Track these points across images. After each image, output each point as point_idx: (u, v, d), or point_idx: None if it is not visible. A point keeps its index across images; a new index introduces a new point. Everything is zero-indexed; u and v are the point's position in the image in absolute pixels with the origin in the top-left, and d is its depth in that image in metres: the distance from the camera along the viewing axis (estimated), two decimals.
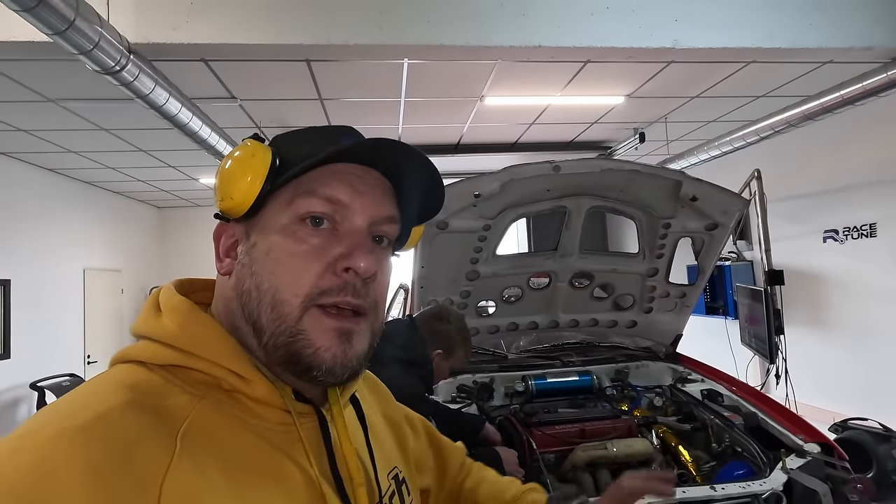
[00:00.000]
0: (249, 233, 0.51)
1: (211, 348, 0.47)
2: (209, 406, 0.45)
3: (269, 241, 0.50)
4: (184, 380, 0.46)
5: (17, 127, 3.97)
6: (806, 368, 4.11)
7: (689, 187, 1.93)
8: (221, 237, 0.54)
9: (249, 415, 0.47)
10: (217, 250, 0.54)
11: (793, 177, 4.55)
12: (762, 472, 1.55)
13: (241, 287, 0.50)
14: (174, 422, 0.42)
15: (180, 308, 0.49)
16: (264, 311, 0.48)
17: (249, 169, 0.50)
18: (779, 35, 2.32)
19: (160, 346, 0.47)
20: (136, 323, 0.51)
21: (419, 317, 1.67)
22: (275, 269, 0.49)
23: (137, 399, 0.42)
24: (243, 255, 0.51)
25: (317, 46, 2.12)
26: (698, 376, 2.31)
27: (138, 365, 0.47)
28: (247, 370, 0.47)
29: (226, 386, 0.47)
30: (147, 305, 0.52)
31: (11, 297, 4.69)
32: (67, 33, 1.53)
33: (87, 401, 0.42)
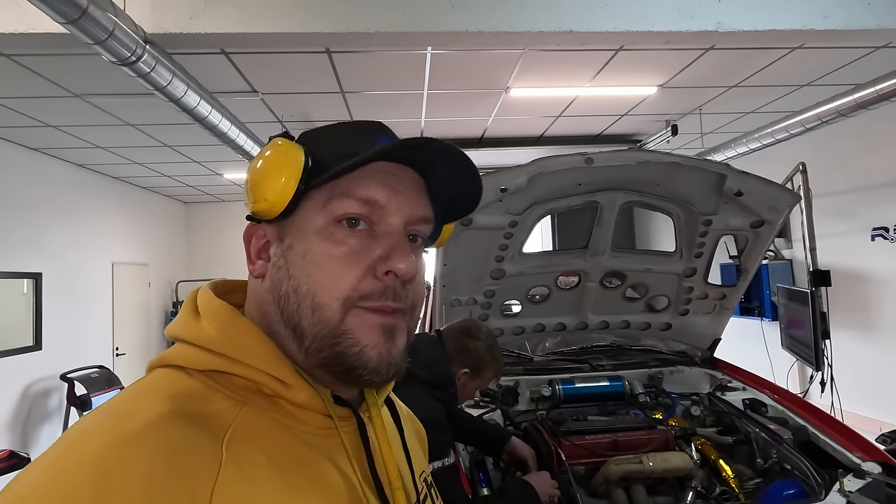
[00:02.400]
0: (283, 235, 0.50)
1: (252, 353, 0.47)
2: (251, 412, 0.45)
3: (305, 243, 0.49)
4: (225, 385, 0.46)
5: (47, 123, 4.03)
6: (851, 375, 3.87)
7: (734, 181, 1.78)
8: (252, 238, 0.52)
9: (291, 419, 0.47)
10: (248, 252, 0.52)
11: (837, 171, 4.28)
12: (816, 495, 1.41)
13: (279, 291, 0.49)
14: (219, 429, 0.41)
15: (220, 312, 0.49)
16: (305, 315, 0.48)
17: (283, 168, 0.49)
18: (833, 15, 2.13)
19: (200, 351, 0.47)
20: (173, 326, 0.50)
21: (446, 331, 1.55)
22: (312, 272, 0.48)
23: (181, 407, 0.41)
24: (278, 257, 0.50)
25: (337, 35, 2.04)
26: (739, 384, 2.16)
27: (178, 370, 0.46)
28: (288, 375, 0.47)
29: (267, 391, 0.46)
30: (185, 308, 0.51)
31: (43, 291, 4.79)
32: (81, 22, 1.49)
33: (133, 409, 0.41)
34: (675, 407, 2.07)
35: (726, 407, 1.97)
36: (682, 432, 1.79)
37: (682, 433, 1.79)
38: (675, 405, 2.08)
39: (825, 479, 1.45)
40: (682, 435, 1.78)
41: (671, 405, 2.08)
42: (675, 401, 2.10)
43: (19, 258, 4.55)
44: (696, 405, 2.06)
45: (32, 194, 4.74)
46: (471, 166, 0.53)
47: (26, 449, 4.28)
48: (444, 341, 1.49)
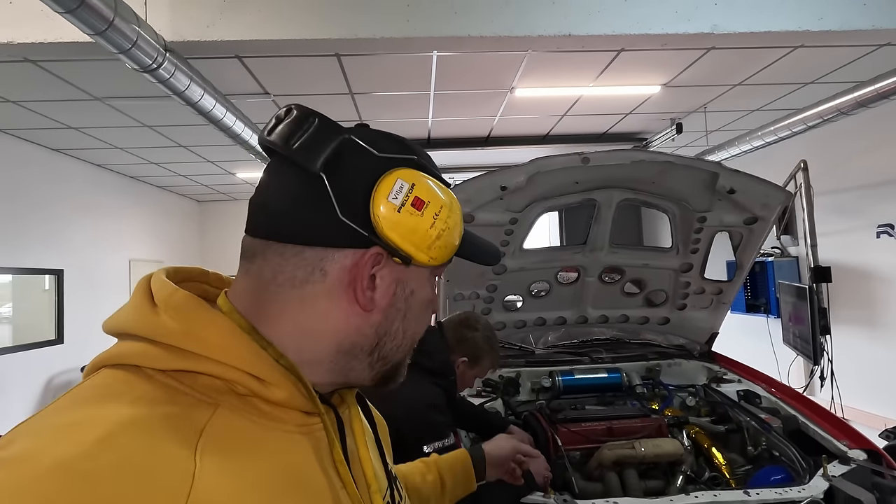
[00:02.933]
0: (407, 279, 0.50)
1: (225, 349, 0.43)
2: (225, 414, 0.41)
3: (424, 294, 0.52)
4: (192, 386, 0.41)
5: (68, 125, 4.18)
6: (855, 370, 3.89)
7: (726, 179, 1.84)
8: (372, 266, 0.48)
9: (266, 418, 0.44)
10: (363, 282, 0.47)
11: (843, 168, 4.29)
12: (801, 479, 1.48)
13: (389, 327, 0.50)
14: (189, 437, 0.38)
15: (185, 305, 0.44)
16: (402, 350, 0.53)
17: (460, 232, 0.52)
18: (828, 16, 2.18)
19: (161, 349, 0.42)
20: (123, 318, 0.45)
21: (447, 323, 1.66)
22: (421, 321, 0.53)
23: (144, 414, 0.37)
24: (400, 299, 0.50)
25: (345, 40, 2.13)
26: (734, 376, 2.22)
27: (133, 370, 0.41)
28: (266, 372, 0.43)
29: (241, 390, 0.43)
30: (138, 298, 0.45)
31: (65, 286, 4.97)
32: (107, 33, 1.60)
33: (84, 419, 0.36)
34: (672, 398, 2.14)
35: (720, 398, 2.03)
36: (675, 420, 1.86)
37: (675, 421, 1.85)
38: (672, 396, 2.14)
39: (810, 465, 1.52)
40: (676, 423, 1.85)
41: (668, 396, 2.14)
42: (672, 392, 2.17)
43: (42, 255, 4.72)
44: (691, 396, 2.13)
45: (54, 193, 4.91)
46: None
47: None
48: (445, 332, 1.59)
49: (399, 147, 0.50)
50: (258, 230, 0.49)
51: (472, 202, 1.88)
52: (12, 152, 4.43)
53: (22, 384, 4.44)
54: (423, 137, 4.92)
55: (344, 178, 0.46)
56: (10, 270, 4.41)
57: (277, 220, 0.47)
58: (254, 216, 0.50)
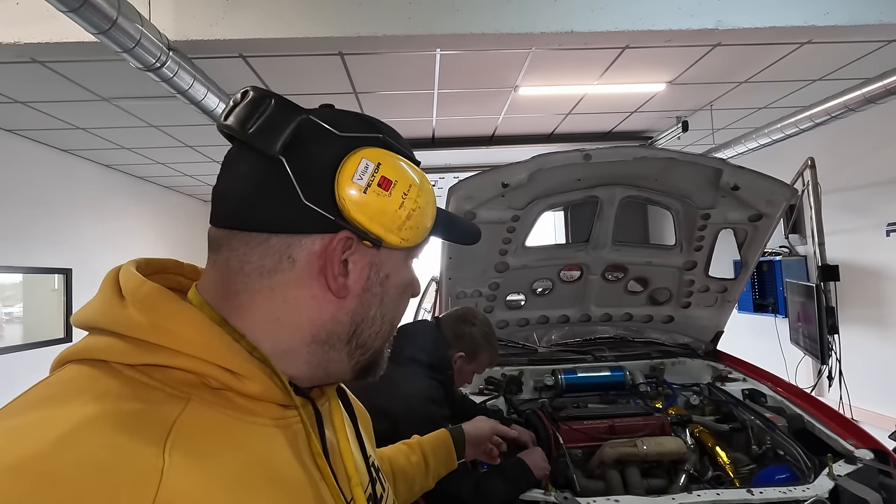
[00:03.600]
0: (381, 263, 0.49)
1: (196, 343, 0.41)
2: (196, 408, 0.40)
3: (399, 278, 0.51)
4: (162, 381, 0.40)
5: (76, 125, 4.23)
6: (865, 370, 3.84)
7: (729, 175, 1.83)
8: (343, 252, 0.46)
9: (241, 412, 0.42)
10: (332, 266, 0.46)
11: (853, 165, 4.24)
12: (806, 478, 1.46)
13: (365, 313, 0.49)
14: (159, 433, 0.36)
15: (154, 297, 0.43)
16: (381, 336, 0.51)
17: (433, 211, 0.50)
18: (835, 11, 2.15)
19: (129, 343, 0.40)
20: (88, 312, 0.44)
21: (444, 318, 1.66)
22: (399, 305, 0.52)
23: (110, 409, 0.36)
24: (374, 284, 0.49)
25: (347, 39, 2.14)
26: (739, 375, 2.20)
27: (99, 365, 0.40)
28: (240, 365, 0.42)
29: (214, 384, 0.41)
30: (105, 291, 0.44)
31: (73, 286, 5.03)
32: (111, 32, 1.62)
33: (44, 417, 0.35)
34: (676, 397, 2.12)
35: (725, 396, 2.01)
36: (679, 419, 1.84)
37: (679, 420, 1.84)
38: (676, 395, 2.13)
39: (815, 464, 1.50)
40: (679, 422, 1.83)
41: (672, 395, 2.13)
42: (676, 391, 2.15)
43: (50, 254, 4.78)
44: (696, 395, 2.11)
45: (62, 194, 4.97)
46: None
47: None
48: (442, 327, 1.59)
49: (363, 126, 0.48)
50: (221, 220, 0.47)
51: (473, 199, 1.88)
52: (21, 153, 4.49)
53: (32, 381, 4.48)
54: (428, 136, 4.92)
55: (305, 160, 0.44)
56: (21, 269, 4.46)
57: (240, 208, 0.46)
58: (216, 205, 0.48)
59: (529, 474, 1.36)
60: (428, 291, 3.88)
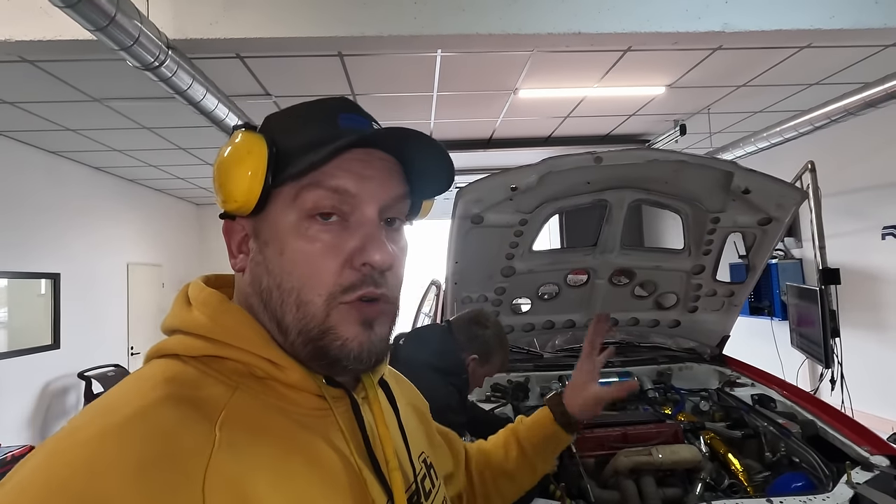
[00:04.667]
0: (258, 229, 0.50)
1: (243, 337, 0.47)
2: (244, 395, 0.45)
3: (280, 240, 0.48)
4: (218, 370, 0.46)
5: (66, 127, 4.13)
6: (862, 373, 3.86)
7: (741, 179, 1.80)
8: (231, 234, 0.53)
9: (284, 401, 0.47)
10: (229, 247, 0.53)
11: (848, 169, 4.27)
12: (824, 486, 1.43)
13: (259, 285, 0.50)
14: (212, 412, 0.42)
15: (210, 300, 0.50)
16: (289, 310, 0.48)
17: (248, 166, 0.47)
18: (840, 15, 2.15)
19: (193, 338, 0.48)
20: (167, 319, 0.52)
21: (456, 321, 1.61)
22: (293, 270, 0.48)
23: (175, 392, 0.42)
24: (256, 252, 0.50)
25: (351, 38, 2.09)
26: (748, 380, 2.18)
27: (173, 358, 0.47)
28: (280, 356, 0.48)
29: (259, 374, 0.47)
30: (177, 301, 0.53)
31: (61, 291, 4.90)
32: (109, 29, 1.56)
33: (127, 397, 0.42)
34: (684, 402, 2.10)
35: (735, 402, 1.99)
36: (692, 426, 1.81)
37: (692, 427, 1.81)
38: (684, 401, 2.10)
39: (833, 472, 1.48)
40: (691, 429, 1.80)
41: (680, 401, 2.10)
42: (684, 396, 2.12)
43: (38, 259, 4.66)
44: (704, 401, 2.08)
45: (51, 196, 4.85)
46: (437, 146, 0.51)
47: None
48: (454, 330, 1.55)
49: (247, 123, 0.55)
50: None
51: (482, 202, 1.84)
52: (8, 155, 4.37)
53: (18, 389, 4.37)
54: None
55: None
56: (7, 274, 4.34)
57: None
58: None
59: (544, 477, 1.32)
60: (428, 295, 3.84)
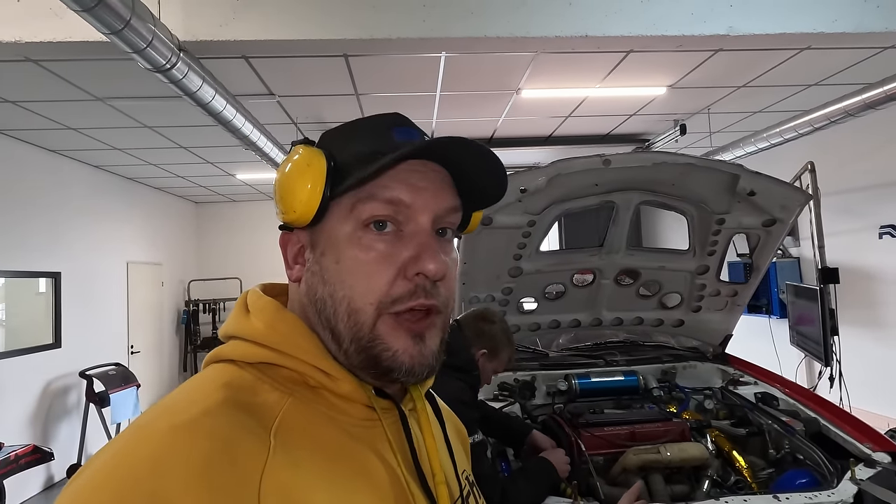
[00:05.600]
0: (315, 241, 0.52)
1: (298, 346, 0.48)
2: (297, 402, 0.46)
3: (336, 249, 0.50)
4: (273, 377, 0.47)
5: (67, 125, 4.12)
6: (859, 371, 3.91)
7: (746, 181, 1.84)
8: (287, 245, 0.54)
9: (335, 411, 0.48)
10: (286, 258, 0.54)
11: (845, 169, 4.32)
12: (828, 483, 1.47)
13: (314, 295, 0.51)
14: (267, 418, 0.43)
15: (268, 308, 0.51)
16: (341, 318, 0.49)
17: (308, 179, 0.49)
18: (843, 18, 2.18)
19: (250, 345, 0.49)
20: (226, 325, 0.53)
21: (464, 318, 1.66)
22: (346, 279, 0.49)
23: (232, 396, 0.44)
24: (312, 262, 0.51)
25: (359, 41, 2.11)
26: (751, 378, 2.22)
27: (230, 364, 0.49)
28: (332, 367, 0.48)
29: (312, 382, 0.48)
30: (237, 308, 0.54)
31: (62, 290, 4.89)
32: (123, 32, 1.57)
33: (189, 399, 0.44)
34: (689, 401, 2.13)
35: (739, 400, 2.03)
36: (697, 424, 1.85)
37: (697, 425, 1.84)
38: (689, 399, 2.13)
39: (837, 469, 1.51)
40: (697, 427, 1.84)
41: (684, 399, 2.13)
42: (689, 395, 2.16)
43: (39, 258, 4.64)
44: (708, 399, 2.12)
45: (51, 195, 4.83)
46: (493, 158, 0.51)
47: (47, 443, 4.38)
48: (463, 327, 1.59)
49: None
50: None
51: None
52: (9, 153, 4.36)
53: (18, 389, 4.36)
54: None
55: None
56: (6, 273, 4.33)
57: None
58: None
59: (553, 472, 1.35)
60: None
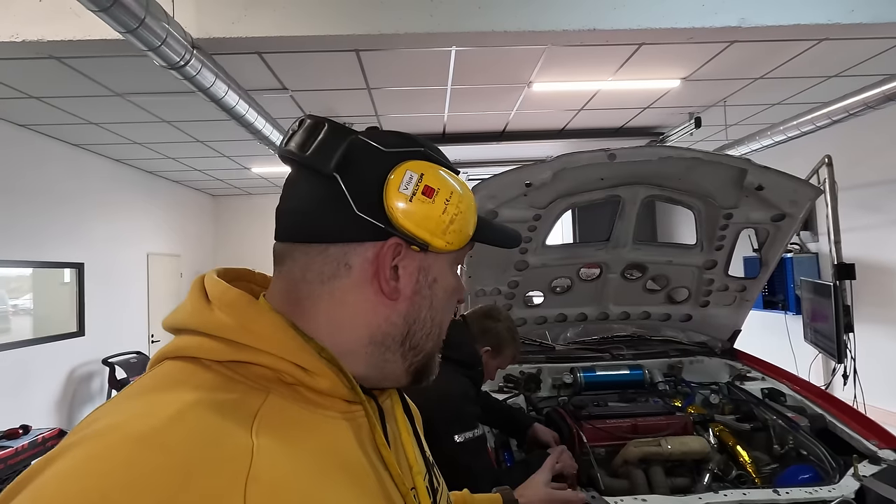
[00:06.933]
0: (428, 267, 0.53)
1: (274, 341, 0.46)
2: (276, 400, 0.44)
3: (447, 281, 0.54)
4: (244, 375, 0.45)
5: (89, 120, 4.24)
6: (876, 368, 3.84)
7: (754, 175, 1.82)
8: (393, 258, 0.51)
9: (312, 406, 0.47)
10: (384, 270, 0.50)
11: (864, 163, 4.21)
12: (830, 478, 1.47)
13: (417, 315, 0.53)
14: (245, 418, 0.41)
15: (238, 303, 0.48)
16: (431, 338, 0.54)
17: (473, 216, 0.54)
18: (860, 9, 2.13)
19: (217, 342, 0.45)
20: (180, 315, 0.49)
21: (470, 315, 1.68)
22: (447, 307, 0.55)
23: (206, 397, 0.41)
24: (424, 287, 0.53)
25: (368, 36, 2.13)
26: (758, 374, 2.21)
27: (192, 362, 0.45)
28: (312, 363, 0.47)
29: (288, 379, 0.46)
30: (194, 297, 0.49)
31: (85, 280, 5.06)
32: (138, 31, 1.62)
33: (155, 401, 0.40)
34: (695, 396, 2.13)
35: (745, 395, 2.02)
36: (701, 418, 1.85)
37: (701, 419, 1.85)
38: (695, 394, 2.13)
39: (840, 465, 1.51)
40: (701, 421, 1.84)
41: (690, 394, 2.13)
42: (695, 390, 2.15)
43: (63, 249, 4.80)
44: (714, 394, 2.12)
45: (74, 188, 4.98)
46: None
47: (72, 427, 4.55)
48: (469, 324, 1.61)
49: (406, 142, 0.53)
50: (284, 234, 0.52)
51: (496, 198, 1.88)
52: (34, 148, 4.50)
53: (45, 376, 4.54)
54: (439, 132, 4.91)
55: (356, 175, 0.49)
56: (33, 264, 4.49)
57: (300, 222, 0.51)
58: (279, 222, 0.53)
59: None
60: None
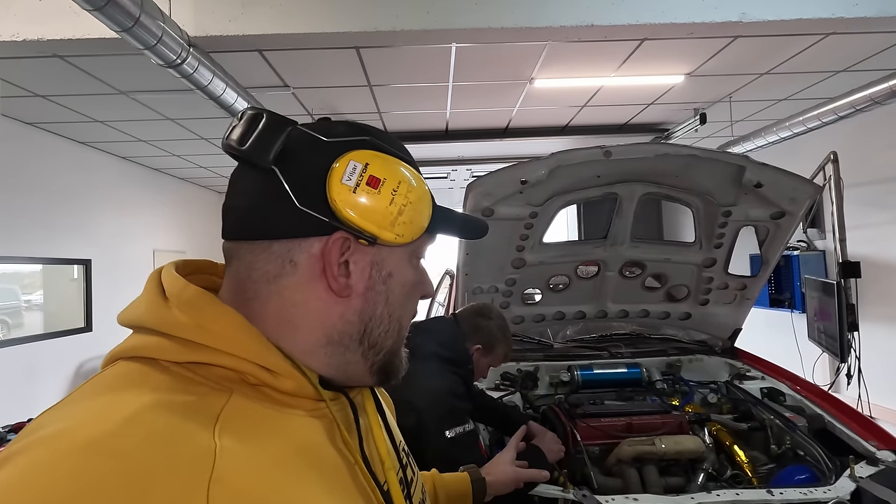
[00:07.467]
0: (382, 261, 0.51)
1: (237, 342, 0.44)
2: (239, 400, 0.43)
3: (403, 275, 0.52)
4: (206, 376, 0.43)
5: (94, 118, 4.28)
6: (882, 368, 3.79)
7: (753, 173, 1.80)
8: (341, 252, 0.48)
9: (279, 405, 0.45)
10: (331, 266, 0.48)
11: (871, 160, 4.14)
12: (826, 479, 1.45)
13: (372, 312, 0.51)
14: (208, 420, 0.39)
15: (198, 301, 0.45)
16: (391, 335, 0.52)
17: (427, 207, 0.51)
18: (863, 3, 2.09)
19: (175, 342, 0.43)
20: (135, 311, 0.47)
21: (461, 313, 1.68)
22: (406, 303, 0.53)
23: (164, 399, 0.39)
24: (377, 282, 0.50)
25: (365, 33, 2.13)
26: (758, 373, 2.19)
27: (148, 362, 0.43)
28: (276, 363, 0.45)
29: (252, 380, 0.44)
30: (150, 293, 0.47)
31: (93, 276, 5.12)
32: (134, 30, 1.63)
33: (108, 403, 0.38)
34: (693, 394, 2.11)
35: (743, 395, 2.00)
36: (697, 417, 1.84)
37: (697, 418, 1.83)
38: (693, 393, 2.12)
39: (837, 465, 1.49)
40: (697, 420, 1.83)
41: (689, 392, 2.12)
42: (693, 388, 2.14)
43: (70, 245, 4.86)
44: (713, 393, 2.10)
45: (81, 185, 5.04)
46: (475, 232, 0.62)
47: None
48: (460, 321, 1.61)
49: (351, 130, 0.50)
50: (229, 233, 0.51)
51: (491, 196, 1.87)
52: (42, 145, 4.55)
53: (53, 371, 4.61)
54: (441, 129, 4.90)
55: (297, 168, 0.47)
56: (42, 260, 4.55)
57: (243, 219, 0.49)
58: (224, 220, 0.51)
59: (543, 459, 1.37)
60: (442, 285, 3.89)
